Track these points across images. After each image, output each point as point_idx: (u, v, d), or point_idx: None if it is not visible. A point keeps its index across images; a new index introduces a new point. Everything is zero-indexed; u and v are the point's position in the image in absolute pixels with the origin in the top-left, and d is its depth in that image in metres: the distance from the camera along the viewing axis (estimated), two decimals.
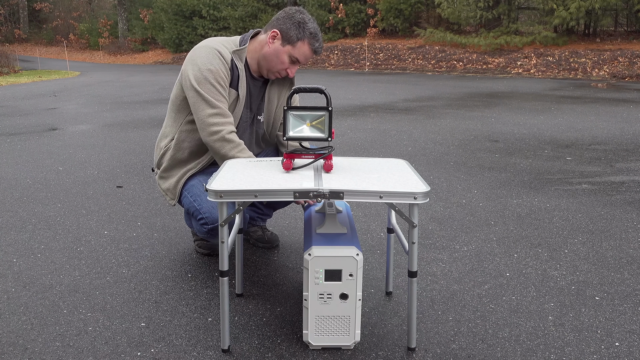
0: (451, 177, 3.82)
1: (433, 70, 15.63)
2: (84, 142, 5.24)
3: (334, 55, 19.28)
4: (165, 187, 2.28)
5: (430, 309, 1.97)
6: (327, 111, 1.70)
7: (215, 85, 2.06)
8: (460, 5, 17.06)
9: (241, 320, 1.90)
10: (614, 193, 3.42)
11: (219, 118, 2.06)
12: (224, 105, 2.08)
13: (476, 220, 2.94)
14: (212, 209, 2.08)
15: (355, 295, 1.65)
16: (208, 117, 2.05)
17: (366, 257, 2.45)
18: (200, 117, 2.07)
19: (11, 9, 35.58)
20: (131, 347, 1.73)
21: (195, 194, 2.16)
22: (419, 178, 1.67)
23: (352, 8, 20.64)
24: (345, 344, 1.70)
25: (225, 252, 1.61)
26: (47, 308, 1.98)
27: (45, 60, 25.27)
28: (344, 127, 6.02)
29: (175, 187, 2.25)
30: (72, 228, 2.83)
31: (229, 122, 2.08)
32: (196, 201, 2.13)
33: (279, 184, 1.57)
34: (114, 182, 3.74)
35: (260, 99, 2.30)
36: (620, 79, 12.09)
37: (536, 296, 2.07)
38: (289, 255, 2.47)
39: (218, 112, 2.06)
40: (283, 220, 2.94)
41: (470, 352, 1.70)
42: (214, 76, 2.05)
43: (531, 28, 16.31)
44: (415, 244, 1.62)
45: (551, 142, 5.04)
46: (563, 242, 2.62)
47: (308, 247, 1.65)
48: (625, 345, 1.74)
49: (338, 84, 11.69)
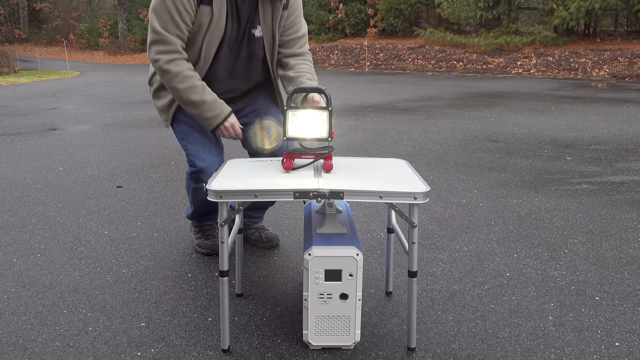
0: (451, 177, 3.82)
1: (433, 70, 15.63)
2: (84, 142, 5.24)
3: (334, 55, 19.28)
4: (159, 106, 2.30)
5: (430, 309, 1.97)
6: (327, 111, 1.70)
7: (170, 11, 1.97)
8: (460, 5, 17.06)
9: (241, 320, 1.90)
10: (614, 193, 3.42)
11: (159, 46, 2.00)
12: (174, 33, 1.99)
13: (476, 220, 2.94)
14: (198, 153, 2.16)
15: (355, 295, 1.65)
16: (150, 45, 2.02)
17: (366, 257, 2.45)
18: (147, 47, 2.06)
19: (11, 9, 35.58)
20: (131, 347, 1.73)
21: (183, 132, 2.24)
22: (419, 178, 1.67)
23: (352, 8, 20.65)
24: (345, 344, 1.70)
25: (225, 252, 1.61)
26: (47, 308, 1.98)
27: (45, 60, 25.27)
28: (344, 127, 6.02)
29: (167, 111, 2.27)
30: (72, 228, 2.83)
31: (171, 51, 1.99)
32: (183, 140, 2.24)
33: (279, 183, 1.57)
34: (114, 182, 3.74)
35: (253, 9, 2.11)
36: (620, 79, 12.09)
37: (536, 296, 2.07)
38: (289, 255, 2.47)
39: (159, 39, 1.99)
40: (283, 220, 2.94)
41: (470, 352, 1.70)
42: (172, 2, 1.96)
43: (531, 28, 16.31)
44: (415, 244, 1.62)
45: (551, 142, 5.04)
46: (563, 242, 2.62)
47: (308, 247, 1.65)
48: (625, 345, 1.74)
49: (338, 84, 11.69)
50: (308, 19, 21.40)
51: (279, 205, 3.19)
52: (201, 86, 2.06)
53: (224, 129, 2.12)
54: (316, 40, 21.24)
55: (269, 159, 1.90)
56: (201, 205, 2.38)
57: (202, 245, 2.46)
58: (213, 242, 2.45)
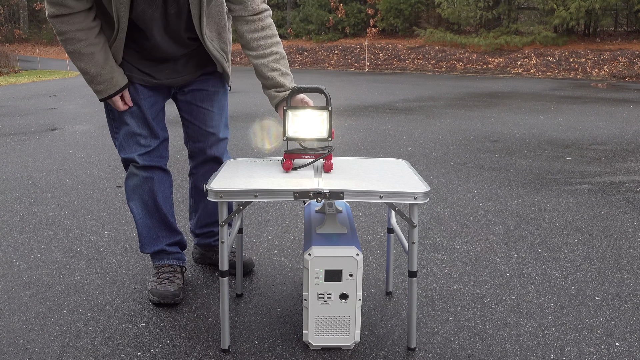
0: (451, 177, 3.82)
1: (433, 70, 15.63)
2: (84, 142, 5.24)
3: (334, 55, 19.28)
4: None
5: (430, 309, 1.97)
6: (327, 111, 1.70)
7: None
8: (460, 5, 17.06)
9: (241, 320, 1.90)
10: (614, 193, 3.42)
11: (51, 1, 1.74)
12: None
13: (476, 220, 2.94)
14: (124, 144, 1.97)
15: (355, 295, 1.65)
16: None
17: (366, 257, 2.45)
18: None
19: (11, 9, 35.59)
20: (131, 347, 1.73)
21: (114, 118, 1.99)
22: (419, 178, 1.67)
23: (352, 8, 20.65)
24: (345, 344, 1.70)
25: (225, 252, 1.61)
26: (47, 308, 1.98)
27: (45, 60, 25.25)
28: (344, 127, 6.02)
29: None
30: (72, 228, 2.83)
31: (58, 3, 1.72)
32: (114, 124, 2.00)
33: (279, 183, 1.57)
34: (114, 182, 3.74)
35: None
36: (620, 79, 12.09)
37: (536, 296, 2.07)
38: (289, 255, 2.47)
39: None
40: (283, 220, 2.94)
41: (470, 352, 1.70)
42: None
43: (531, 28, 16.31)
44: (415, 244, 1.62)
45: (551, 142, 5.04)
46: (563, 242, 2.62)
47: (308, 247, 1.65)
48: (625, 345, 1.74)
49: (338, 84, 11.69)
50: (308, 19, 21.42)
51: (279, 205, 3.19)
52: (88, 54, 1.79)
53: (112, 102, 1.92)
54: (316, 40, 21.25)
55: (269, 159, 1.90)
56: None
57: (153, 292, 2.03)
58: (166, 288, 2.01)
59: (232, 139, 5.23)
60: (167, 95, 2.05)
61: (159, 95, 2.01)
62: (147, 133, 1.99)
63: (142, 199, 2.06)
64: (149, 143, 2.00)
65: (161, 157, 2.07)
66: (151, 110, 1.99)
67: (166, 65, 1.96)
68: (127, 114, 1.96)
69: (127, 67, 1.92)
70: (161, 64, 1.95)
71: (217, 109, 2.10)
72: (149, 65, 1.94)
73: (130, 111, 1.96)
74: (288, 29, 22.37)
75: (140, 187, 2.04)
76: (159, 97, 2.02)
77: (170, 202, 2.16)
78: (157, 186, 2.07)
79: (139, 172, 2.02)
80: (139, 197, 2.06)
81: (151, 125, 1.99)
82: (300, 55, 19.73)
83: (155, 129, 2.01)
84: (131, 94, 1.95)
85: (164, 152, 2.09)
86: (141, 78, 1.94)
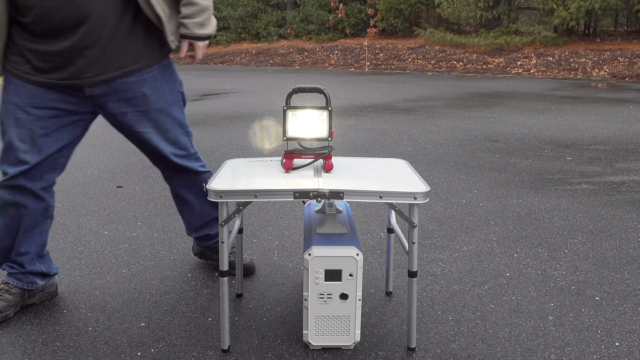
0: (451, 177, 3.82)
1: (433, 70, 15.63)
2: (84, 142, 5.24)
3: (334, 55, 19.28)
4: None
5: (430, 309, 1.97)
6: (327, 111, 1.70)
7: None
8: (460, 5, 17.05)
9: (241, 320, 1.90)
10: (614, 193, 3.42)
11: None
12: None
13: (476, 220, 2.94)
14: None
15: (355, 295, 1.65)
16: None
17: (366, 257, 2.45)
18: None
19: None
20: (131, 347, 1.73)
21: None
22: (419, 178, 1.67)
23: (352, 8, 20.64)
24: (345, 344, 1.70)
25: (226, 252, 1.61)
26: (47, 308, 1.98)
27: None
28: (344, 127, 6.02)
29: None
30: (72, 228, 2.83)
31: None
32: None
33: (279, 184, 1.57)
34: (114, 182, 3.74)
35: None
36: (620, 79, 12.09)
37: (536, 296, 2.07)
38: (289, 255, 2.47)
39: None
40: (283, 220, 2.94)
41: (470, 352, 1.70)
42: None
43: (531, 28, 16.31)
44: (415, 244, 1.62)
45: (551, 142, 5.04)
46: (563, 242, 2.62)
47: (308, 247, 1.65)
48: (625, 345, 1.74)
49: (338, 84, 11.69)
50: (308, 19, 21.42)
51: (279, 205, 3.19)
52: None
53: None
54: (316, 40, 21.24)
55: (269, 159, 1.90)
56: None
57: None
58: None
59: (232, 139, 5.23)
60: (78, 107, 1.61)
61: (63, 105, 1.57)
62: (28, 148, 1.61)
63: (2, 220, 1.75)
64: (29, 159, 1.62)
65: (40, 180, 1.69)
66: (43, 122, 1.57)
67: (67, 47, 1.46)
68: (10, 119, 1.58)
69: (14, 52, 1.51)
70: (59, 40, 1.44)
71: (157, 127, 1.75)
72: (42, 45, 1.44)
73: (15, 117, 1.56)
74: (288, 29, 22.36)
75: (3, 210, 1.70)
76: (62, 109, 1.58)
77: (35, 240, 1.83)
78: (23, 218, 1.72)
79: (3, 193, 1.67)
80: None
81: (36, 140, 1.61)
82: (300, 55, 19.72)
83: (41, 145, 1.63)
84: (21, 96, 1.53)
85: (47, 174, 1.69)
86: (31, 74, 1.51)
